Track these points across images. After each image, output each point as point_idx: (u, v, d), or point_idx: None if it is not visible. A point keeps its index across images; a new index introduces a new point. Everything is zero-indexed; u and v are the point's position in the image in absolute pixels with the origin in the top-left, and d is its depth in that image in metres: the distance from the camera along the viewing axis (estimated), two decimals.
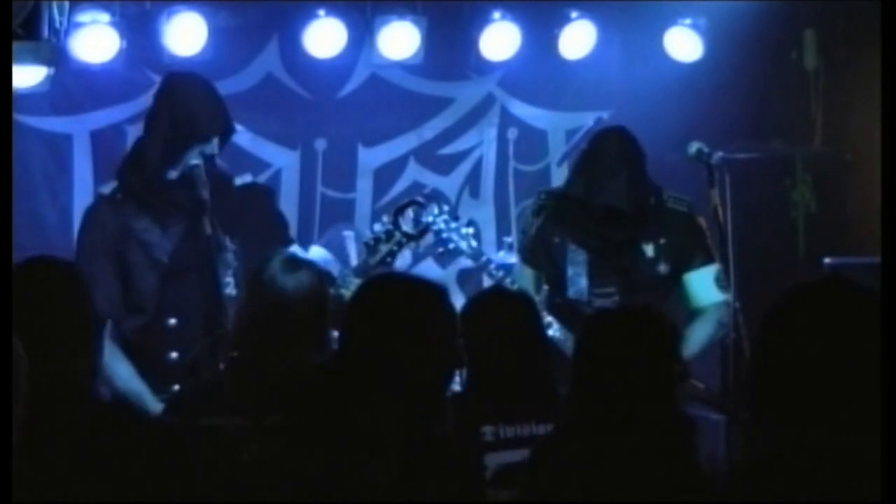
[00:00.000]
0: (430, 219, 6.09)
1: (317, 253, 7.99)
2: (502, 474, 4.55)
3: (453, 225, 6.13)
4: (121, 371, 5.53)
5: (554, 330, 6.03)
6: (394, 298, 3.83)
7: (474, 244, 6.20)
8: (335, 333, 6.09)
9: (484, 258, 6.29)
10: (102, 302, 5.56)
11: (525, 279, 6.21)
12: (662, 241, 6.18)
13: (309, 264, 5.09)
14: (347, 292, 7.15)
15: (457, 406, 4.55)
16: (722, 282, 6.13)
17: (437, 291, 3.89)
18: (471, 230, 6.22)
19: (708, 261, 6.19)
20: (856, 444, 2.67)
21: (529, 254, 6.35)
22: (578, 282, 6.19)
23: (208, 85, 6.44)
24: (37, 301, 3.66)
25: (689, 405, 5.83)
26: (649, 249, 6.18)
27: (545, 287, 6.32)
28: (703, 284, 6.19)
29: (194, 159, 5.68)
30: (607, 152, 6.19)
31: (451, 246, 6.16)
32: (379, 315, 3.79)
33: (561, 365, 4.88)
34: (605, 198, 6.09)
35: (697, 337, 6.12)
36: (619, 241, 6.17)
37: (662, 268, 6.18)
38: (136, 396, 5.53)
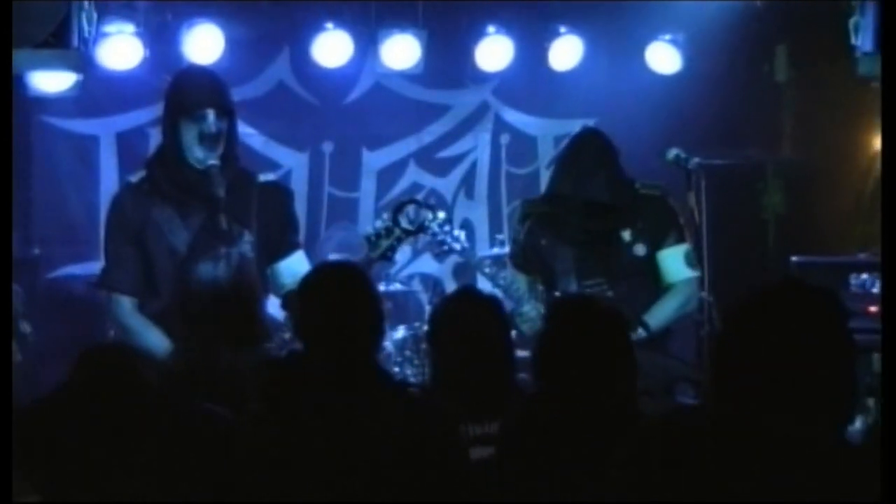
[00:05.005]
0: (427, 223, 6.08)
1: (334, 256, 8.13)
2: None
3: (447, 228, 6.13)
4: (152, 338, 5.47)
5: None
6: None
7: (466, 245, 6.19)
8: None
9: (477, 258, 6.28)
10: (125, 281, 5.54)
11: (519, 283, 6.19)
12: (639, 225, 6.14)
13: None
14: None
15: (426, 404, 4.50)
16: (692, 260, 6.10)
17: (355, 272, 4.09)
18: (463, 233, 6.20)
19: (679, 240, 6.15)
20: (806, 429, 2.67)
21: (521, 260, 6.32)
22: (568, 277, 6.16)
23: (206, 69, 6.37)
24: None
25: (675, 386, 5.83)
26: (626, 235, 6.13)
27: (540, 287, 6.30)
28: (674, 261, 6.14)
29: (210, 160, 5.63)
30: (586, 152, 6.17)
31: (445, 247, 6.16)
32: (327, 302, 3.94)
33: None
34: (589, 193, 6.07)
35: (665, 310, 6.07)
36: (602, 233, 6.15)
37: (640, 249, 6.13)
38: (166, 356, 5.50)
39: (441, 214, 6.13)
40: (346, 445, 3.68)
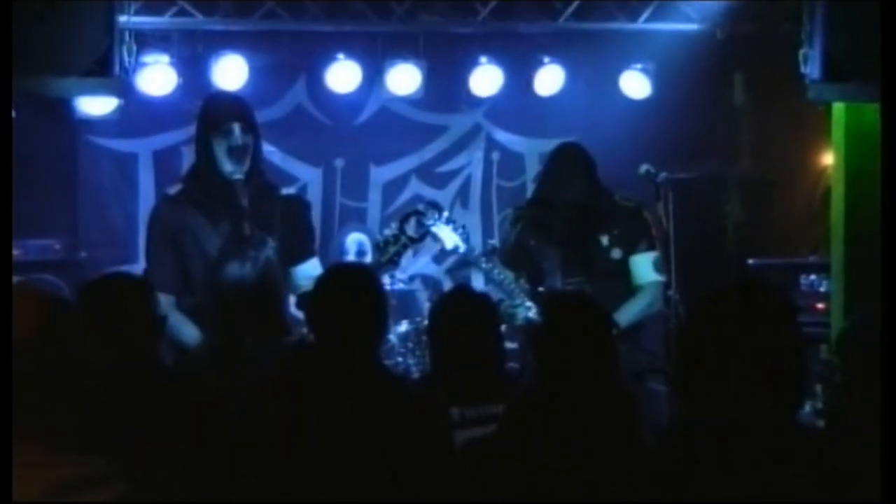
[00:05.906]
0: (431, 222, 6.10)
1: (356, 237, 8.10)
2: (468, 447, 4.45)
3: (450, 226, 6.15)
4: (186, 331, 5.49)
5: (534, 314, 6.03)
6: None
7: (465, 244, 6.20)
8: None
9: (475, 253, 6.29)
10: (164, 280, 5.55)
11: (510, 279, 6.21)
12: (616, 231, 6.18)
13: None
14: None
15: (427, 390, 4.58)
16: (659, 266, 6.14)
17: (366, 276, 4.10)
18: (460, 235, 6.21)
19: (649, 247, 6.19)
20: (765, 411, 2.69)
21: (510, 258, 6.34)
22: (553, 274, 6.18)
23: (232, 93, 6.40)
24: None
25: (645, 376, 5.85)
26: (604, 239, 6.17)
27: (522, 282, 6.32)
28: (643, 266, 6.19)
29: (237, 174, 5.64)
30: (565, 161, 6.20)
31: (448, 244, 6.17)
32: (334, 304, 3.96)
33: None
34: (568, 196, 6.10)
35: (632, 310, 6.11)
36: (582, 236, 6.17)
37: (616, 253, 6.17)
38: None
39: (445, 213, 6.16)
40: (343, 429, 3.67)
